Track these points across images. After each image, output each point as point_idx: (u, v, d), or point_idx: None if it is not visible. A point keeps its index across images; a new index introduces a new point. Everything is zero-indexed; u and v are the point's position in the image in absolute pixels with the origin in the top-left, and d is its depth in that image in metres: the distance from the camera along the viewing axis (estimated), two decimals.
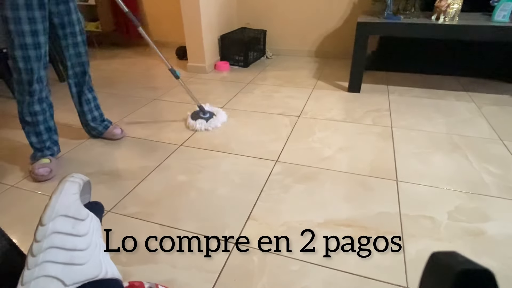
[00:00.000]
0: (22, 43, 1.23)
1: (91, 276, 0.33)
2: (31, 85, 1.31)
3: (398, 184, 1.30)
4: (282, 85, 2.41)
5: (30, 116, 1.37)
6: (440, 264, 0.20)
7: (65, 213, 0.35)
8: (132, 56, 3.28)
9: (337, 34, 2.99)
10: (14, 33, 1.21)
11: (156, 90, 2.37)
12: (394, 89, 2.28)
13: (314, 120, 1.85)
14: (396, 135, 1.67)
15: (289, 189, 1.29)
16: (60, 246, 0.33)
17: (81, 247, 0.34)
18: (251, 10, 3.14)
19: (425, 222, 1.11)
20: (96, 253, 0.35)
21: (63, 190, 0.37)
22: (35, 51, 1.26)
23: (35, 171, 1.37)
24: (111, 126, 1.71)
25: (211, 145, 1.62)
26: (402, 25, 1.96)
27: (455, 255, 0.20)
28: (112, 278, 0.36)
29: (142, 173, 1.41)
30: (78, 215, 0.36)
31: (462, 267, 0.18)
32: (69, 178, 0.39)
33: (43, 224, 0.34)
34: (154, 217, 1.16)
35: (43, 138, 1.44)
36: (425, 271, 0.21)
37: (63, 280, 0.31)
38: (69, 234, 0.34)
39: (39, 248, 0.32)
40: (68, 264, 0.32)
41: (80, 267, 0.33)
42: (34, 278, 0.30)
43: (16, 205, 1.25)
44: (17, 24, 1.20)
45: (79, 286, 0.32)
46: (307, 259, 0.97)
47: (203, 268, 0.96)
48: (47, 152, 1.45)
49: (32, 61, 1.27)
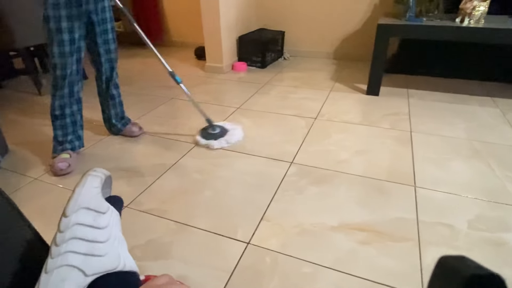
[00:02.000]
0: (60, 39, 1.30)
1: (110, 268, 0.34)
2: (64, 79, 1.37)
3: (416, 190, 1.27)
4: (299, 86, 2.40)
5: (60, 109, 1.44)
6: (448, 268, 0.19)
7: (87, 205, 0.36)
8: (151, 56, 3.34)
9: (357, 36, 2.95)
10: (53, 30, 1.28)
11: (173, 89, 2.40)
12: (414, 93, 2.22)
13: (331, 122, 1.84)
14: (415, 140, 1.63)
15: (304, 191, 1.28)
16: (82, 237, 0.34)
17: (101, 239, 0.35)
18: (270, 11, 3.15)
19: (443, 230, 1.08)
20: (115, 245, 0.36)
21: (85, 184, 0.38)
22: (70, 47, 1.33)
23: (54, 165, 1.42)
24: (130, 123, 1.75)
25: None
26: (425, 28, 1.92)
27: (464, 260, 0.19)
28: (130, 270, 0.37)
29: (159, 171, 1.44)
30: (99, 208, 0.37)
31: (471, 272, 0.18)
32: (91, 172, 0.40)
33: (66, 216, 0.35)
34: (169, 214, 1.18)
35: (67, 132, 1.49)
36: (433, 275, 0.20)
37: (83, 270, 0.32)
38: (90, 226, 0.35)
39: (62, 238, 0.33)
40: (89, 255, 0.33)
41: (100, 259, 0.34)
42: (57, 267, 0.31)
43: (38, 197, 1.29)
44: (56, 22, 1.27)
45: (98, 277, 0.33)
46: (319, 262, 0.97)
47: (215, 266, 0.97)
48: (67, 145, 1.49)
49: (67, 56, 1.34)
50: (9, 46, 2.21)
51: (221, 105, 2.10)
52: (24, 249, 0.36)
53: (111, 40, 1.51)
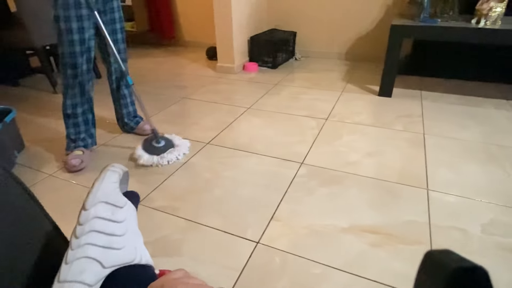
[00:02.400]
0: (70, 39, 1.32)
1: (127, 261, 0.35)
2: (75, 78, 1.40)
3: (428, 193, 1.25)
4: (310, 87, 2.40)
5: (72, 108, 1.46)
6: (433, 262, 0.20)
7: (106, 200, 0.37)
8: (164, 56, 3.38)
9: (369, 37, 2.92)
10: (63, 30, 1.30)
11: (185, 89, 2.42)
12: (427, 95, 2.19)
13: (342, 123, 1.83)
14: (428, 142, 1.60)
15: (314, 192, 1.28)
16: (100, 231, 0.35)
17: (119, 233, 0.36)
18: (282, 12, 3.15)
19: (456, 234, 1.06)
20: (132, 239, 0.37)
21: (104, 179, 0.39)
22: (80, 47, 1.35)
23: (67, 162, 1.45)
24: (142, 122, 1.78)
25: (237, 144, 1.64)
26: (439, 29, 1.89)
27: (449, 253, 0.20)
28: (146, 264, 0.37)
29: (170, 169, 1.45)
30: (117, 202, 0.38)
31: (456, 265, 0.18)
32: (110, 168, 0.41)
33: (86, 209, 0.36)
34: (180, 211, 1.19)
35: (80, 130, 1.52)
36: (420, 270, 0.21)
37: (102, 262, 0.33)
38: (109, 220, 0.36)
39: (82, 231, 0.34)
40: (107, 248, 0.34)
41: (117, 252, 0.35)
42: (76, 258, 0.32)
43: (52, 193, 1.32)
44: (66, 22, 1.29)
45: (115, 269, 0.34)
46: (329, 263, 0.96)
47: (225, 264, 0.97)
48: (80, 143, 1.52)
49: (77, 56, 1.36)
50: (27, 44, 2.26)
51: (232, 105, 2.11)
52: (43, 240, 0.37)
53: (120, 40, 1.54)
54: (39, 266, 0.35)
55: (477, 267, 0.18)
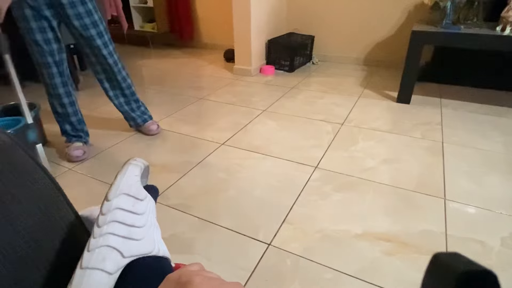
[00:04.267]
0: (33, 39, 1.35)
1: (146, 252, 0.36)
2: (52, 78, 1.44)
3: (445, 203, 1.22)
4: (327, 91, 2.38)
5: (61, 107, 1.51)
6: (442, 265, 0.19)
7: (127, 192, 0.38)
8: (183, 57, 3.44)
9: (389, 42, 2.89)
10: (24, 30, 1.33)
11: (203, 90, 2.45)
12: (447, 103, 2.14)
13: (358, 128, 1.81)
14: (447, 151, 1.57)
15: (328, 197, 1.27)
16: (121, 221, 0.36)
17: (139, 225, 0.37)
18: (300, 15, 3.15)
19: (474, 246, 1.03)
20: (151, 231, 0.38)
21: (127, 172, 0.40)
22: (47, 46, 1.37)
23: (70, 152, 1.52)
24: (150, 121, 1.78)
25: (252, 146, 1.65)
26: (462, 36, 1.85)
27: (458, 256, 0.19)
28: (164, 256, 0.38)
29: (185, 168, 1.47)
30: (138, 195, 0.39)
31: (464, 268, 0.18)
32: (132, 161, 0.43)
33: (109, 200, 0.37)
34: (193, 210, 1.21)
35: (76, 128, 1.59)
36: (427, 272, 0.20)
37: (122, 251, 0.34)
38: (129, 212, 0.37)
39: (104, 220, 0.36)
40: (127, 238, 0.35)
41: (137, 243, 0.36)
42: (98, 246, 0.33)
43: (71, 187, 1.36)
44: (24, 21, 1.31)
45: (134, 260, 0.35)
46: (342, 269, 0.95)
47: (236, 264, 0.98)
48: (80, 135, 1.60)
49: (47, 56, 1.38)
50: None
51: (248, 107, 2.12)
52: (66, 228, 0.39)
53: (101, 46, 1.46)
54: (61, 253, 0.37)
55: (487, 271, 0.18)
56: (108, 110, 2.09)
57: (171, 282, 0.26)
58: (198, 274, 0.26)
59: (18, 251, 0.32)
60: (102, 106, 2.16)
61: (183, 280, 0.25)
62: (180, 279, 0.26)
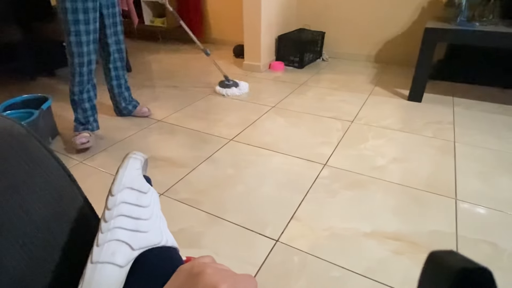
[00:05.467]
0: (76, 30, 1.43)
1: (154, 243, 0.36)
2: (82, 66, 1.51)
3: (456, 203, 1.20)
4: (337, 88, 2.36)
5: (79, 94, 1.58)
6: (438, 263, 0.19)
7: (131, 185, 0.39)
8: (193, 52, 3.44)
9: (400, 39, 2.84)
10: (70, 22, 1.41)
11: (212, 86, 2.46)
12: (460, 101, 2.11)
13: (368, 126, 1.79)
14: (458, 151, 1.54)
15: (336, 195, 1.26)
16: (127, 215, 0.36)
17: (145, 217, 0.37)
18: (311, 11, 3.12)
19: (485, 248, 1.01)
20: (157, 223, 0.38)
21: (128, 165, 0.41)
22: (86, 37, 1.46)
23: (75, 141, 1.57)
24: (139, 106, 1.95)
25: (260, 142, 1.64)
26: (477, 33, 1.81)
27: (453, 254, 0.20)
28: (172, 246, 0.39)
29: (194, 163, 1.48)
30: (141, 188, 0.39)
31: (460, 266, 0.18)
32: (132, 155, 0.43)
33: (113, 195, 0.38)
34: (202, 205, 1.21)
35: (87, 114, 1.64)
36: (424, 271, 0.20)
37: (130, 244, 0.34)
38: (135, 205, 0.37)
39: (110, 215, 0.36)
40: (134, 231, 0.36)
41: (144, 235, 0.36)
42: (107, 241, 0.34)
43: (82, 179, 1.38)
44: (74, 13, 1.40)
45: (144, 251, 0.35)
46: (349, 267, 0.95)
47: (244, 260, 0.98)
48: (88, 126, 1.65)
49: (84, 46, 1.47)
50: None
51: (256, 103, 2.12)
52: (78, 218, 0.39)
53: (119, 31, 1.67)
54: (75, 244, 0.37)
55: (482, 268, 0.18)
56: None
57: (183, 272, 0.26)
58: (210, 265, 0.27)
59: (33, 241, 0.33)
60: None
61: (196, 271, 0.25)
62: (192, 269, 0.26)
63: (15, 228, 0.31)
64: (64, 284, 0.35)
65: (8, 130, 0.35)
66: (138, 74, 2.76)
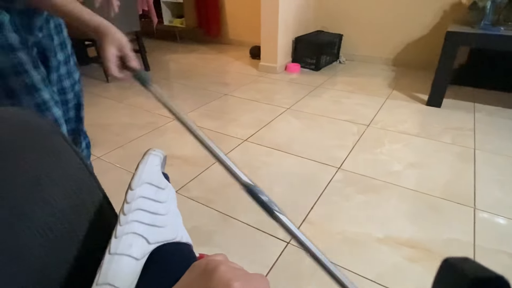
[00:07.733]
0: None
1: (170, 238, 0.37)
2: None
3: (475, 212, 1.17)
4: (353, 91, 2.34)
5: None
6: (453, 270, 0.19)
7: (150, 181, 0.40)
8: (210, 52, 3.47)
9: (420, 43, 2.78)
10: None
11: (228, 86, 2.47)
12: (481, 108, 2.04)
13: (385, 131, 1.76)
14: (478, 158, 1.50)
15: (350, 198, 1.24)
16: (145, 209, 0.37)
17: (162, 212, 0.38)
18: (329, 13, 3.09)
19: (503, 259, 0.98)
20: (173, 219, 0.39)
21: (147, 162, 0.42)
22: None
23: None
24: None
25: (274, 143, 1.64)
26: (503, 38, 1.75)
27: (468, 261, 0.19)
28: (186, 242, 0.39)
29: (207, 162, 1.49)
30: (160, 184, 0.40)
31: (476, 274, 0.17)
32: (152, 152, 0.44)
33: (132, 189, 0.39)
34: (214, 203, 1.22)
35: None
36: (437, 277, 0.20)
37: (147, 238, 0.35)
38: (152, 200, 0.38)
39: (129, 208, 0.37)
40: (151, 225, 0.36)
41: (160, 229, 0.37)
42: (125, 233, 0.35)
43: (100, 174, 1.41)
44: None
45: (159, 246, 0.36)
46: (361, 273, 0.93)
47: (255, 260, 0.98)
48: None
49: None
50: (86, 36, 2.43)
51: (271, 104, 2.12)
52: (96, 211, 0.40)
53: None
54: (92, 236, 0.38)
55: (499, 276, 0.17)
56: (136, 102, 2.15)
57: (197, 269, 0.27)
58: (224, 263, 0.27)
59: (53, 231, 0.34)
60: (131, 97, 2.22)
61: (209, 268, 0.26)
62: (207, 266, 0.26)
63: (36, 218, 0.33)
64: (82, 274, 0.36)
65: (33, 125, 0.37)
66: (156, 72, 2.81)
